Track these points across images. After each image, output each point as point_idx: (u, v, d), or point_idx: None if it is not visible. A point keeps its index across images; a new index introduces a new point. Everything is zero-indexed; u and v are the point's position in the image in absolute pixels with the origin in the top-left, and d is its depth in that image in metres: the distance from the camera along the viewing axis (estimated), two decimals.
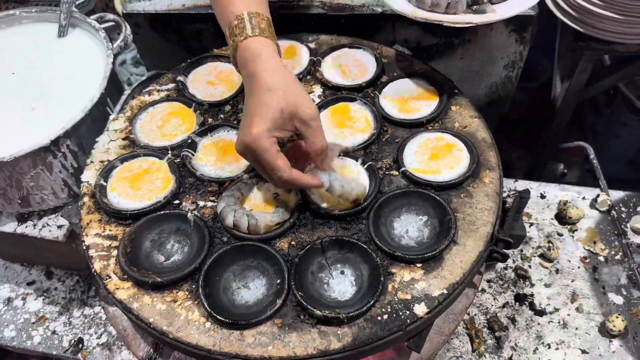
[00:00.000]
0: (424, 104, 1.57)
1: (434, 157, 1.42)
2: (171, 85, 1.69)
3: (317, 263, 1.28)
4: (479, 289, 1.85)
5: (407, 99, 1.59)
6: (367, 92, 1.64)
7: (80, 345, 1.84)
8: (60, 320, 1.93)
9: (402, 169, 1.41)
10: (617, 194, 2.03)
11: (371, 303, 1.18)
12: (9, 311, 1.95)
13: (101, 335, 1.88)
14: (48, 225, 1.80)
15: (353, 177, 1.40)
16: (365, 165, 1.43)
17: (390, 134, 1.52)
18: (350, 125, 1.54)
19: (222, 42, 1.86)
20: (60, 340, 1.87)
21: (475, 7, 1.59)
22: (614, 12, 1.72)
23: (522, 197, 1.41)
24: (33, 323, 1.93)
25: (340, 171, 1.39)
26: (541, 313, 1.77)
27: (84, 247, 1.34)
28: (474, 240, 1.29)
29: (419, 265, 1.25)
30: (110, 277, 1.28)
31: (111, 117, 1.62)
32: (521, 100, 2.92)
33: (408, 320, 1.17)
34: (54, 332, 1.90)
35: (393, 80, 1.65)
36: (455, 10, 1.56)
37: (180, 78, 1.68)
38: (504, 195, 1.96)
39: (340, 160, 1.44)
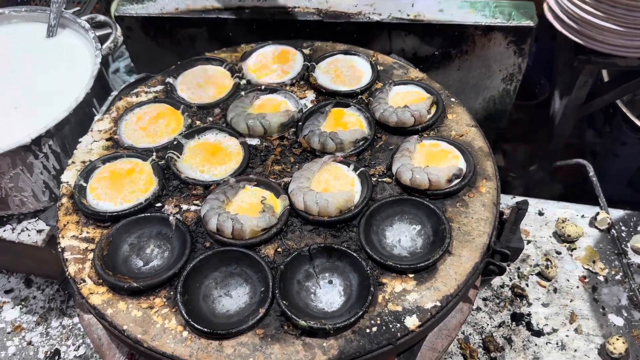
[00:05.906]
0: None
1: (429, 164, 1.36)
2: (159, 87, 1.65)
3: (304, 271, 1.22)
4: (475, 306, 1.78)
5: (402, 106, 1.54)
6: (361, 98, 1.59)
7: (57, 357, 1.76)
8: (37, 330, 1.84)
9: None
10: (617, 213, 1.99)
11: (359, 314, 1.11)
12: None
13: (79, 347, 1.79)
14: (27, 229, 1.72)
15: (339, 187, 1.34)
16: (358, 172, 1.37)
17: (384, 141, 1.47)
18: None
19: (215, 46, 1.83)
20: (36, 351, 1.79)
21: None
22: (616, 23, 1.69)
23: (520, 208, 1.35)
24: (8, 333, 1.84)
25: (326, 179, 1.34)
26: (539, 333, 1.71)
27: (60, 249, 1.27)
28: (469, 251, 1.23)
29: (411, 275, 1.19)
30: (84, 280, 1.21)
31: (96, 118, 1.57)
32: (520, 119, 2.90)
33: (398, 334, 1.11)
34: (29, 343, 1.81)
35: (389, 87, 1.60)
36: None
37: (169, 80, 1.64)
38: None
39: (332, 165, 1.39)
